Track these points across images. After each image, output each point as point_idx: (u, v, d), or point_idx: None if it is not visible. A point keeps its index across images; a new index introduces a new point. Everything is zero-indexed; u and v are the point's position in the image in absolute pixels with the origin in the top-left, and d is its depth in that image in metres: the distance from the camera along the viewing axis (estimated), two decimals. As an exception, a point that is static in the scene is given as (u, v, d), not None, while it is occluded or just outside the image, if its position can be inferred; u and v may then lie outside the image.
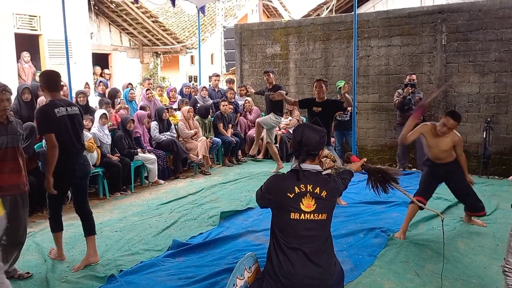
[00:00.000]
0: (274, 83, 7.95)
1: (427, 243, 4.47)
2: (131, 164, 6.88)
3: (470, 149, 7.89)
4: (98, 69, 10.50)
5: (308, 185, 2.43)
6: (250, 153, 8.52)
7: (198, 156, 8.12)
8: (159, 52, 14.83)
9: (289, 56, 9.84)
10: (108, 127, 6.85)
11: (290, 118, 9.42)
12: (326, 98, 6.10)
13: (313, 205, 2.41)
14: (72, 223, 5.09)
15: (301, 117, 9.39)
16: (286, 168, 7.90)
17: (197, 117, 8.65)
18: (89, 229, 4.14)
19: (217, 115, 8.96)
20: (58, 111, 3.81)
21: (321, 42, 9.37)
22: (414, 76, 7.76)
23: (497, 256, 4.11)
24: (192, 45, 15.10)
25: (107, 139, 6.71)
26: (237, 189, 6.95)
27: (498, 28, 7.53)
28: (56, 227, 4.10)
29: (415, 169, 8.02)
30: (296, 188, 2.42)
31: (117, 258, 4.23)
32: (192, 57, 17.45)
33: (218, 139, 8.68)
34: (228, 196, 6.54)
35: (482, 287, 3.50)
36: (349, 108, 7.99)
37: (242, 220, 5.43)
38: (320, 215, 2.43)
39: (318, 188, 2.44)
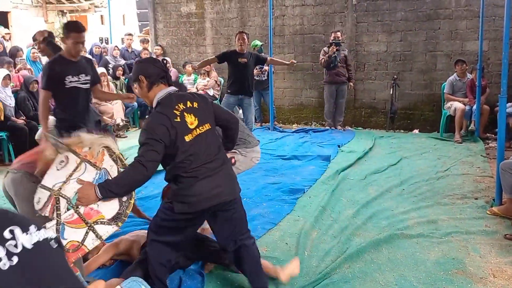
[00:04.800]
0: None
1: (342, 192, 4.70)
2: (39, 127, 6.40)
3: (378, 106, 8.35)
4: (1, 30, 9.44)
5: (180, 104, 2.48)
6: None
7: (113, 119, 7.76)
8: (65, 11, 13.74)
9: (205, 15, 9.59)
10: (10, 88, 6.29)
11: (207, 79, 9.28)
12: (246, 50, 6.22)
13: (195, 119, 2.49)
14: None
15: (218, 78, 9.29)
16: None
17: (109, 77, 8.20)
18: None
19: (131, 77, 8.54)
20: None
21: (237, 1, 9.22)
22: (338, 34, 7.75)
23: (402, 198, 4.45)
24: (101, 3, 14.16)
25: (10, 101, 6.18)
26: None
27: (404, -12, 7.90)
28: None
29: (348, 127, 8.33)
30: (175, 112, 2.45)
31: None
32: (101, 16, 16.42)
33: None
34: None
35: (391, 227, 3.75)
36: (265, 68, 8.08)
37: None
38: (204, 125, 2.52)
39: (188, 102, 2.51)
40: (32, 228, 0.92)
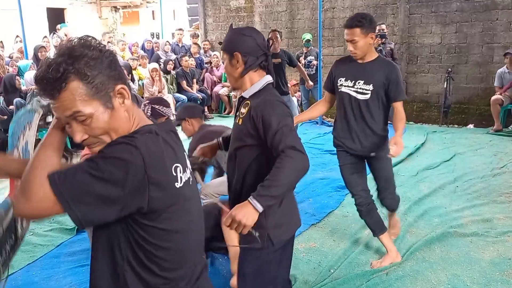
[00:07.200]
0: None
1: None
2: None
3: (431, 99, 8.11)
4: (66, 29, 9.88)
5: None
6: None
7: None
8: (118, 7, 14.23)
9: (253, 9, 9.64)
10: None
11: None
12: (280, 49, 6.09)
13: None
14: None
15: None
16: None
17: (160, 72, 8.44)
18: None
19: (179, 72, 8.73)
20: None
21: (285, -6, 9.22)
22: (383, 26, 7.59)
23: (455, 196, 4.33)
24: (153, -1, 14.57)
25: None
26: (205, 144, 6.92)
27: (460, -22, 7.60)
28: None
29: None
30: None
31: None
32: (153, 12, 16.84)
33: (183, 96, 8.53)
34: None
35: (444, 224, 3.67)
36: (314, 62, 8.02)
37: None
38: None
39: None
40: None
